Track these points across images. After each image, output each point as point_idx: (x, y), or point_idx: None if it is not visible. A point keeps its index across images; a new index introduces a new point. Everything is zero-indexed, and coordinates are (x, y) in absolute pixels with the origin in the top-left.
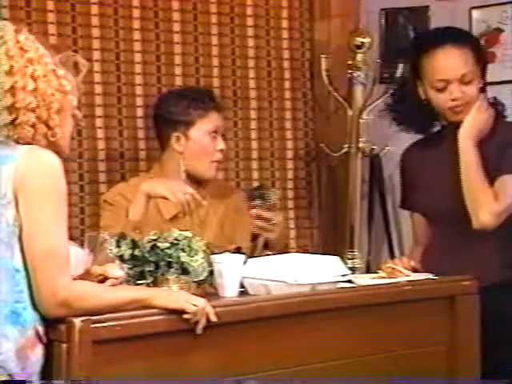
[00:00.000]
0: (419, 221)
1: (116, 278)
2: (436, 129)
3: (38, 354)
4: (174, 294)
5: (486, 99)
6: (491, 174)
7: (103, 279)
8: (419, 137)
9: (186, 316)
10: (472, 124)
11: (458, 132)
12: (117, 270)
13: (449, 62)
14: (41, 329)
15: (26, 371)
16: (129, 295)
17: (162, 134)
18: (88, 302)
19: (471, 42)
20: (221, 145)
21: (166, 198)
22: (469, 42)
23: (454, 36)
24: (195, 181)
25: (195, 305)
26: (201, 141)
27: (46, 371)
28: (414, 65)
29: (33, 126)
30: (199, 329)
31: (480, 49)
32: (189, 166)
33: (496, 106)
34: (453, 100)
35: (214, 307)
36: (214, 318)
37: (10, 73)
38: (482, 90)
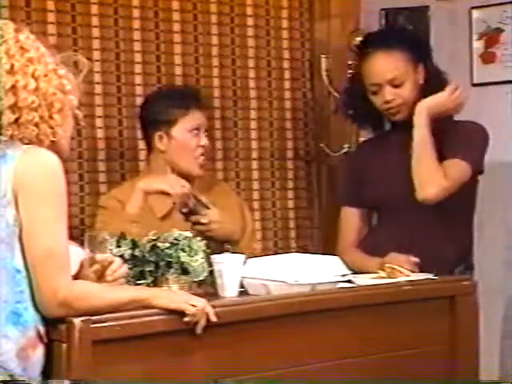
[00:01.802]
0: (355, 221)
1: (114, 270)
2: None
3: (38, 354)
4: (173, 295)
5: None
6: (440, 156)
7: (101, 269)
8: None
9: (185, 319)
10: (432, 100)
11: (404, 129)
12: (120, 266)
13: (378, 67)
14: (42, 329)
15: (27, 371)
16: (128, 295)
17: (146, 135)
18: (88, 302)
19: (404, 44)
20: (203, 141)
21: (163, 193)
22: (400, 45)
23: (385, 40)
24: (183, 178)
25: (195, 305)
26: (183, 139)
27: (46, 371)
28: (360, 66)
29: (36, 125)
30: (199, 329)
31: (417, 48)
32: (173, 164)
33: None
34: (386, 102)
35: (214, 307)
36: (214, 319)
37: (10, 72)
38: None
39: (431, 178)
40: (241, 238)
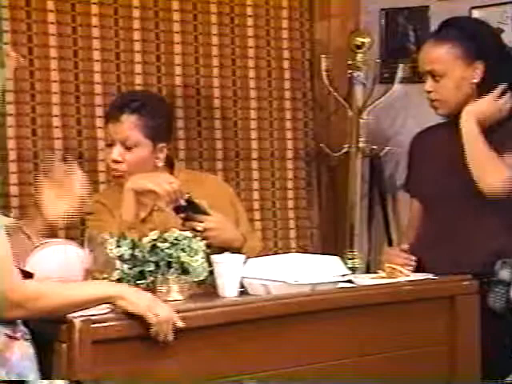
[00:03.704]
0: (416, 206)
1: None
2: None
3: (17, 351)
4: (138, 298)
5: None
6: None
7: None
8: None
9: (151, 331)
10: (477, 107)
11: (450, 126)
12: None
13: (422, 54)
14: (8, 331)
15: (13, 373)
16: (88, 293)
17: None
18: (41, 302)
19: (460, 39)
20: (113, 155)
21: (152, 192)
22: (456, 38)
23: (443, 30)
24: None
25: (157, 314)
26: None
27: (47, 371)
28: None
29: None
30: (161, 338)
31: (478, 45)
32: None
33: None
34: (426, 92)
35: (213, 307)
36: (180, 324)
37: None
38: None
39: (490, 169)
40: (243, 245)
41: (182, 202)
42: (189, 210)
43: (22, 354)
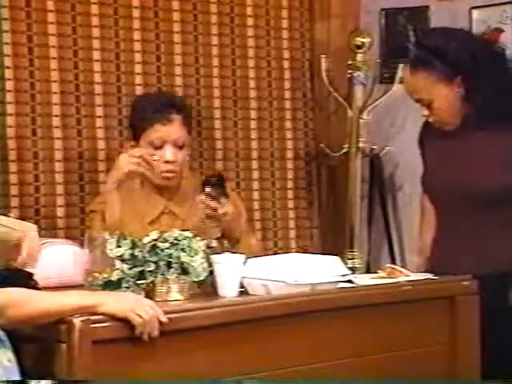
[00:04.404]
0: (428, 204)
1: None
2: None
3: (12, 358)
4: (120, 301)
5: None
6: None
7: None
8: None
9: (136, 331)
10: None
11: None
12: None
13: (406, 85)
14: None
15: (12, 376)
16: (72, 302)
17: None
18: (21, 310)
19: (430, 64)
20: (167, 155)
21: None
22: (426, 64)
23: (413, 59)
24: (164, 187)
25: (140, 315)
26: (146, 151)
27: (47, 371)
28: None
29: None
30: (145, 337)
31: (451, 64)
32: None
33: None
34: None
35: (213, 307)
36: (164, 319)
37: None
38: None
39: None
40: (241, 236)
41: (213, 179)
42: (217, 188)
43: (15, 361)
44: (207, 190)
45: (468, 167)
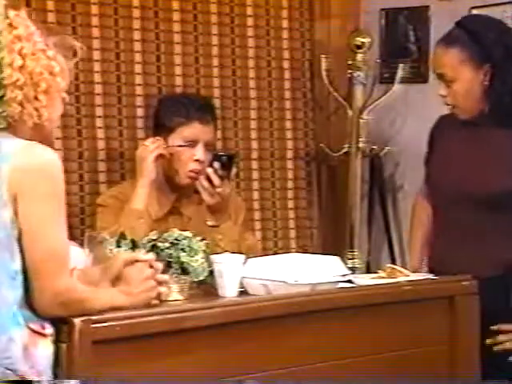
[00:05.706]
0: (424, 205)
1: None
2: None
3: (42, 350)
4: (136, 291)
5: None
6: None
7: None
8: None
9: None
10: None
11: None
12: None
13: (433, 60)
14: (35, 326)
15: (35, 369)
16: (121, 300)
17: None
18: (88, 304)
19: (466, 42)
20: (198, 155)
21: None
22: (461, 42)
23: (448, 35)
24: (174, 186)
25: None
26: (176, 148)
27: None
28: None
29: (20, 103)
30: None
31: (484, 48)
32: (168, 171)
33: None
34: (442, 96)
35: (213, 307)
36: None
37: None
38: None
39: None
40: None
41: (224, 158)
42: (224, 167)
43: (47, 352)
44: (215, 164)
45: (479, 167)
